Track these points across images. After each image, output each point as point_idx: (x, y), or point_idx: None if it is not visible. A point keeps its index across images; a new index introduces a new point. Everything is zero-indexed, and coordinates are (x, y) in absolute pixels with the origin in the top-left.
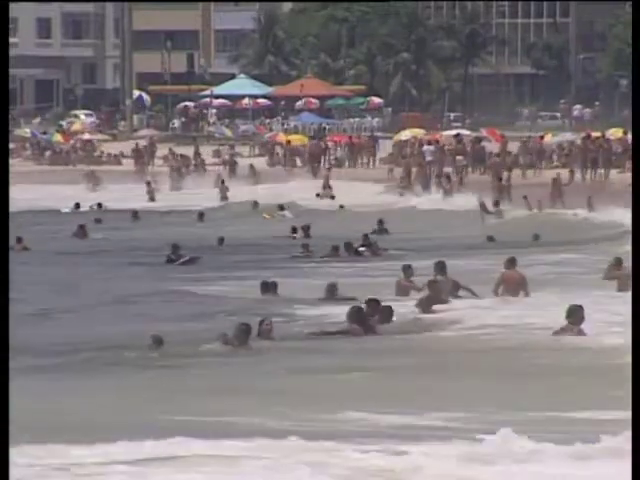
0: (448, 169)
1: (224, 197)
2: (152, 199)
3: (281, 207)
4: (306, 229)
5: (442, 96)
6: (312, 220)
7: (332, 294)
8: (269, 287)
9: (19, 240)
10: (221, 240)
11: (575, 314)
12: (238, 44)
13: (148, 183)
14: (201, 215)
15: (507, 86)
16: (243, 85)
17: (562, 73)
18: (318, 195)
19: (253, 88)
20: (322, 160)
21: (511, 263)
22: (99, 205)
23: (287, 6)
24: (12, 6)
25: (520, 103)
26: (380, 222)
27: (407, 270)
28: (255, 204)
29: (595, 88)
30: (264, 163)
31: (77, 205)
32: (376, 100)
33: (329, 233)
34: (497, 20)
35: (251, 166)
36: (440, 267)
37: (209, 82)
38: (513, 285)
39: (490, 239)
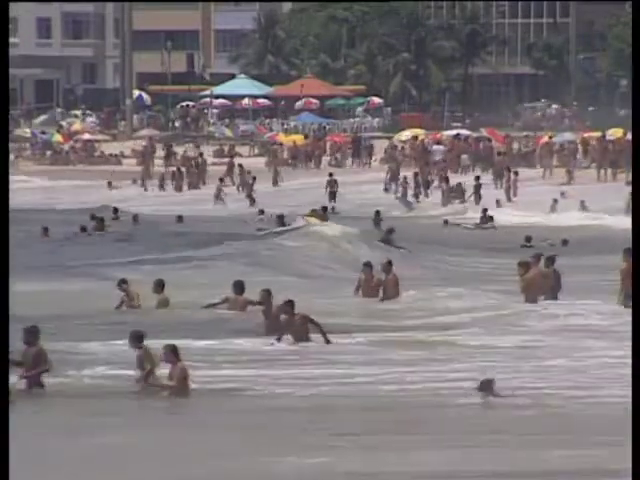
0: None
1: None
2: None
3: (261, 212)
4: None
5: (442, 96)
6: None
7: None
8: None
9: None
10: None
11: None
12: (238, 44)
13: (220, 190)
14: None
15: (507, 86)
16: (243, 85)
17: (562, 73)
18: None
19: (253, 88)
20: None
21: (389, 265)
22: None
23: (287, 6)
24: (12, 6)
25: (520, 103)
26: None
27: (121, 285)
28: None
29: (595, 88)
30: (263, 163)
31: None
32: (376, 100)
33: None
34: (497, 20)
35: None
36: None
37: (209, 82)
38: (392, 287)
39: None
